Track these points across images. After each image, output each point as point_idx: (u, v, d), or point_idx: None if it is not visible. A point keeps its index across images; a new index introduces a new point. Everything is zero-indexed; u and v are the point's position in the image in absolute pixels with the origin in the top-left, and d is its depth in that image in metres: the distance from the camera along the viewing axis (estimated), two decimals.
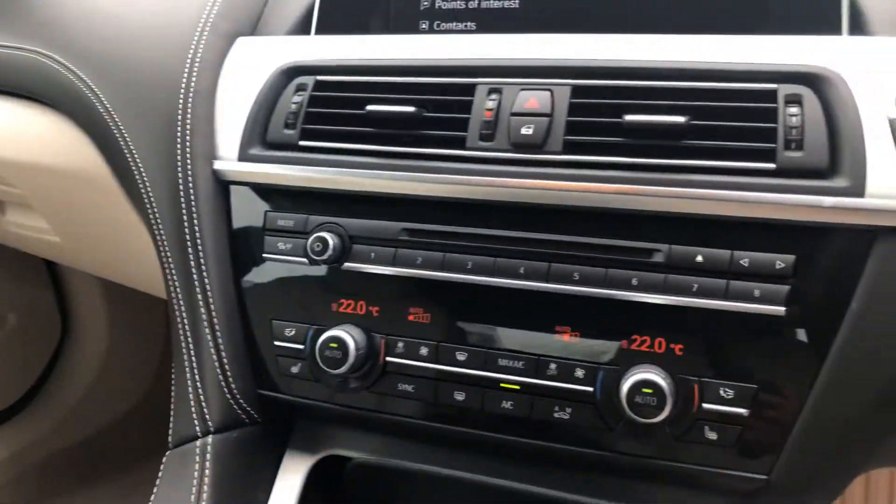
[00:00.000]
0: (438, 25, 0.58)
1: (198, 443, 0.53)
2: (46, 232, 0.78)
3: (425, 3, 0.59)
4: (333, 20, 0.60)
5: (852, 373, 0.43)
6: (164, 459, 0.55)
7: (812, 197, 0.43)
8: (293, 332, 0.53)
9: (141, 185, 0.57)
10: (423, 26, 0.59)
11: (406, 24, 0.59)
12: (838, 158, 0.43)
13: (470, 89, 0.51)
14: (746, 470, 0.46)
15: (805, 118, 0.44)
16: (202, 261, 0.55)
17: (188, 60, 0.57)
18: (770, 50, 0.47)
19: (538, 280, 0.48)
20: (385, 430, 0.56)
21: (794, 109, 0.44)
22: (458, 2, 0.58)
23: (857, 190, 0.42)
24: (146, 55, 0.59)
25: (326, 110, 0.54)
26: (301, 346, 0.53)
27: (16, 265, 0.97)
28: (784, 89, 0.45)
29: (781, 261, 0.44)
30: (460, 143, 0.50)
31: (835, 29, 0.49)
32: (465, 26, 0.58)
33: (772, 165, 0.44)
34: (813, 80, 0.45)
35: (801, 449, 0.45)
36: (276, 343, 0.54)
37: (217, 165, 0.55)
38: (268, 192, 0.55)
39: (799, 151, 0.44)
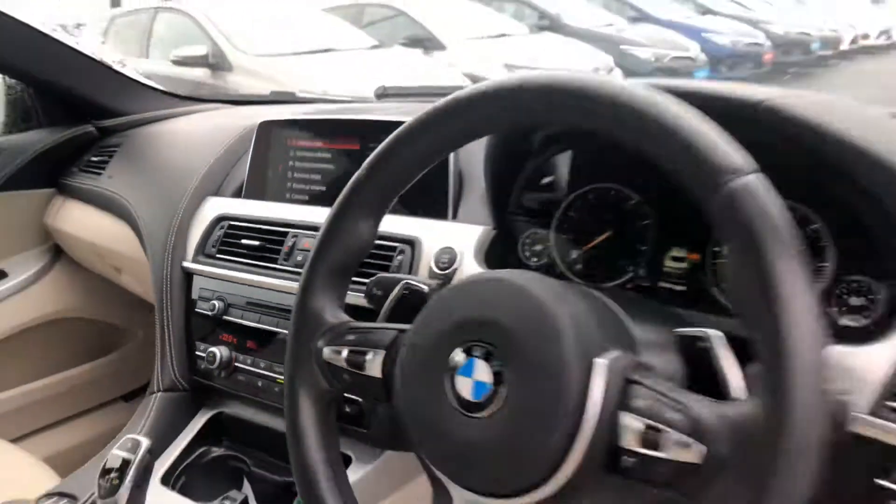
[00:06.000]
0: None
1: (157, 395, 1.10)
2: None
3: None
4: (254, 190, 1.16)
5: None
6: (142, 402, 1.12)
7: None
8: (204, 350, 1.07)
9: (151, 268, 1.16)
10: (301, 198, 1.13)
11: (295, 196, 1.13)
12: None
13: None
14: None
15: None
16: (168, 310, 1.12)
17: (179, 210, 1.16)
18: None
19: None
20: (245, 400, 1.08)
21: None
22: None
23: None
24: (159, 207, 1.19)
25: (230, 240, 1.09)
26: (204, 355, 1.07)
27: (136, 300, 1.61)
28: None
29: None
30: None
31: None
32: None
33: None
34: None
35: None
36: (198, 353, 1.09)
37: (184, 264, 1.13)
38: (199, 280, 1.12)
39: None
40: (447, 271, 0.88)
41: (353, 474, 0.93)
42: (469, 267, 0.87)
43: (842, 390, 0.58)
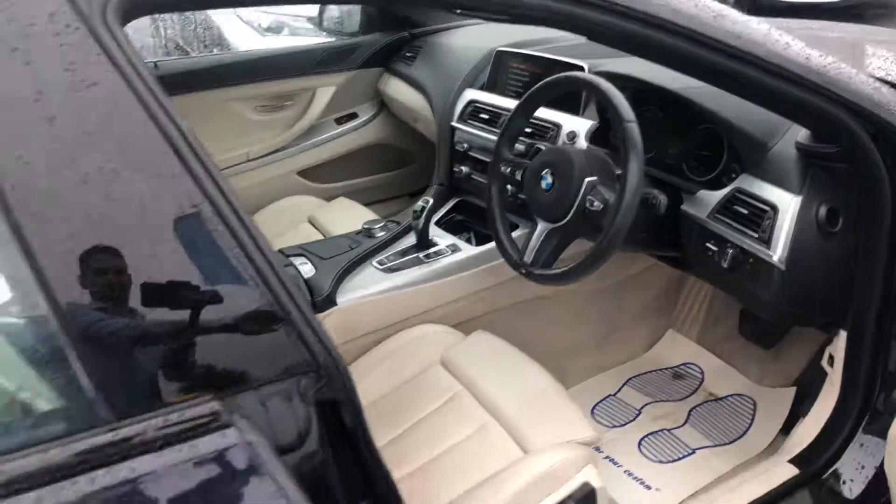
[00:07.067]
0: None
1: (434, 186, 2.23)
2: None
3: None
4: (490, 86, 2.17)
5: None
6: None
7: None
8: (457, 167, 2.16)
9: (434, 122, 2.25)
10: (512, 94, 2.12)
11: (509, 93, 2.13)
12: None
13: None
14: None
15: None
16: (445, 147, 2.21)
17: (451, 94, 2.22)
18: None
19: None
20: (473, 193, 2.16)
21: None
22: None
23: None
24: (441, 90, 2.26)
25: (474, 113, 2.13)
26: (457, 170, 2.16)
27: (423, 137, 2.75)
28: None
29: None
30: None
31: None
32: None
33: None
34: None
35: None
36: (454, 169, 2.18)
37: (451, 123, 2.19)
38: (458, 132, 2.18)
39: None
40: (570, 142, 1.85)
41: (519, 231, 1.98)
42: (580, 141, 1.83)
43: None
